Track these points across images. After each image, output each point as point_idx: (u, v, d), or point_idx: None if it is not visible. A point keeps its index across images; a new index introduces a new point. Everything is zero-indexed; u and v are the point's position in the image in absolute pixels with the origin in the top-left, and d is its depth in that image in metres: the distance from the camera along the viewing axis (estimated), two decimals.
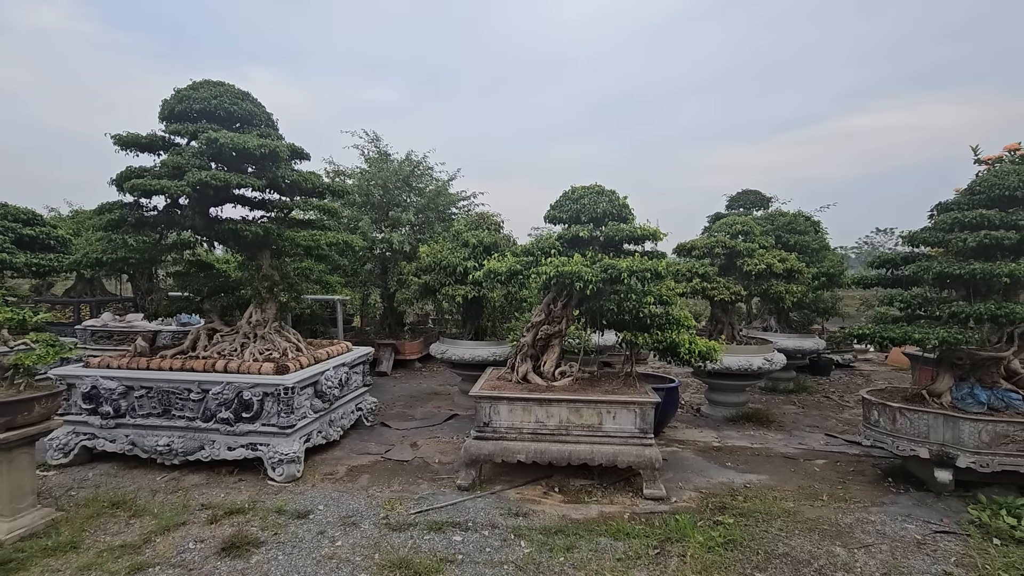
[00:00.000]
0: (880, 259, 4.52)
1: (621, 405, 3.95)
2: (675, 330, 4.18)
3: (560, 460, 3.93)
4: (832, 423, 5.97)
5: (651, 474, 3.91)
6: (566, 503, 3.82)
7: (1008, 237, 3.86)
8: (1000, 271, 3.73)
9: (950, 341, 3.82)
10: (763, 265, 5.76)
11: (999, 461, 3.71)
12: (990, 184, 4.14)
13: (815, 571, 2.95)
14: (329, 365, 4.74)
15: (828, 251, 8.60)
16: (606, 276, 3.80)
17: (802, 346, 7.54)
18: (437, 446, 5.01)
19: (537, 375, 4.39)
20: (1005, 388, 3.98)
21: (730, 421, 5.95)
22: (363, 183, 8.13)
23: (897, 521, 3.54)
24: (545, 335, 4.44)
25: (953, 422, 3.82)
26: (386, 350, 8.33)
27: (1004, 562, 2.99)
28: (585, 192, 4.33)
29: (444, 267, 5.75)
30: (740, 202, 10.06)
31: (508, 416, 4.04)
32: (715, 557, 3.05)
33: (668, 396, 5.25)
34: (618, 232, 4.15)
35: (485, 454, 4.00)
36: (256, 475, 4.17)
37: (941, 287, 4.35)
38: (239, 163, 4.60)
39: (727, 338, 6.10)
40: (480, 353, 5.84)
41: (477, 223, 6.24)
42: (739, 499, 3.87)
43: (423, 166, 8.74)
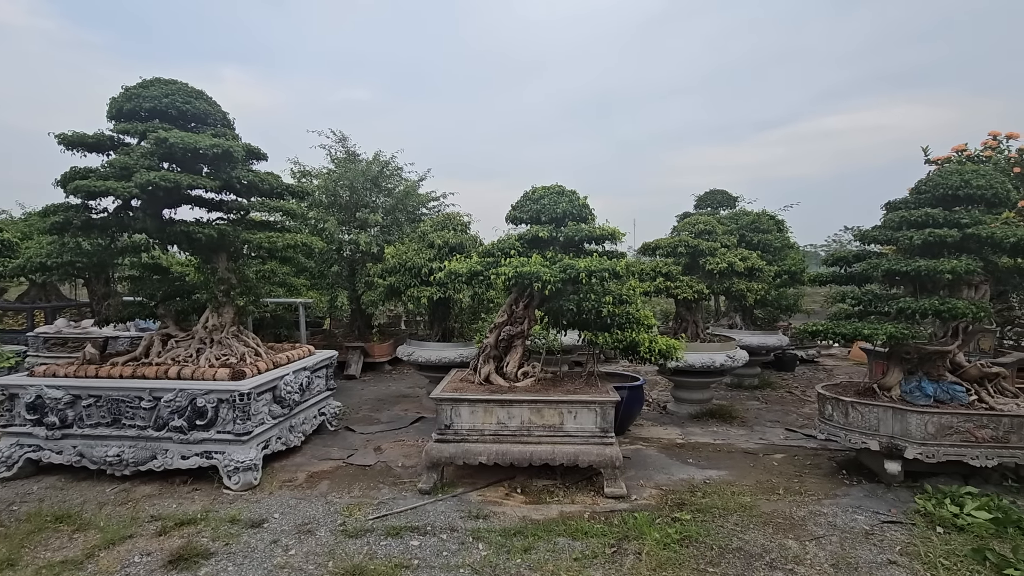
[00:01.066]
0: (833, 257, 4.64)
1: (582, 405, 3.97)
2: (635, 329, 4.21)
3: (521, 461, 3.92)
4: (793, 418, 6.11)
5: (612, 473, 3.94)
6: (528, 504, 3.82)
7: (951, 235, 4.00)
8: (943, 268, 3.86)
9: (897, 336, 3.93)
10: (725, 264, 5.86)
11: (944, 451, 3.85)
12: (935, 184, 4.28)
13: (766, 564, 3.01)
14: (289, 370, 4.65)
15: (791, 249, 8.79)
16: (565, 276, 3.81)
17: (766, 343, 7.69)
18: (401, 449, 4.96)
19: (500, 376, 4.38)
20: (950, 381, 4.12)
21: (695, 418, 6.04)
22: (329, 184, 8.00)
23: (848, 513, 3.64)
24: (508, 336, 4.44)
25: (901, 415, 3.94)
26: (354, 353, 8.22)
27: (945, 550, 3.10)
28: (545, 192, 4.34)
29: (409, 268, 5.69)
30: (708, 202, 10.23)
31: (470, 418, 4.02)
32: (670, 554, 3.08)
33: (633, 394, 5.31)
34: (578, 232, 4.17)
35: (446, 457, 3.97)
36: (212, 484, 4.06)
37: (890, 284, 4.48)
38: (193, 164, 4.48)
39: (691, 336, 6.18)
40: (447, 355, 5.80)
41: (443, 224, 6.20)
42: (698, 495, 3.92)
43: (392, 166, 8.65)
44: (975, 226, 4.02)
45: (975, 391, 4.06)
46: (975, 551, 3.03)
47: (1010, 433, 3.79)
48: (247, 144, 4.67)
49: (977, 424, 3.83)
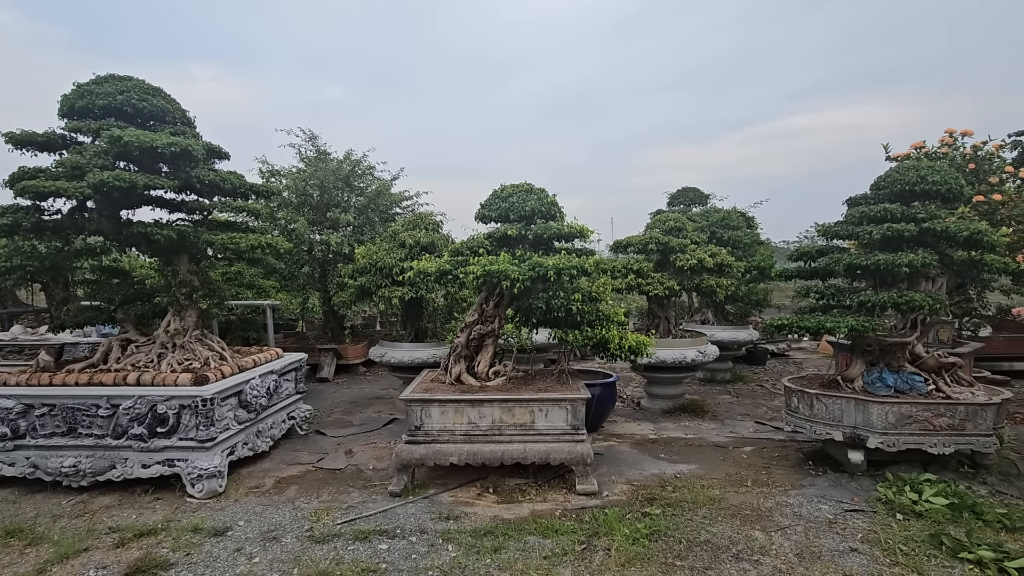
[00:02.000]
0: (798, 252, 4.73)
1: (553, 403, 3.96)
2: (605, 326, 4.23)
3: (493, 460, 3.90)
4: (763, 411, 6.22)
5: (583, 469, 3.95)
6: (499, 503, 3.80)
7: (908, 229, 4.11)
8: (901, 262, 3.97)
9: (858, 329, 4.03)
10: (694, 260, 5.93)
11: (904, 440, 3.95)
12: (893, 180, 4.40)
13: (733, 556, 3.05)
14: (255, 373, 4.55)
15: (760, 245, 8.96)
16: (533, 274, 3.81)
17: (737, 337, 7.82)
18: (373, 452, 4.89)
19: (471, 376, 4.35)
20: (910, 371, 4.24)
21: (667, 413, 6.10)
22: (299, 183, 7.86)
23: (813, 502, 3.71)
24: (479, 335, 4.41)
25: (864, 405, 4.04)
26: (327, 355, 8.09)
27: (904, 536, 3.18)
28: (514, 190, 4.32)
29: (380, 268, 5.62)
30: (680, 199, 10.36)
31: (440, 418, 3.98)
32: (639, 549, 3.10)
33: (606, 391, 5.34)
34: (546, 230, 4.16)
35: (416, 458, 3.93)
36: (174, 493, 3.95)
37: (852, 278, 4.59)
38: (151, 163, 4.34)
39: (663, 332, 6.24)
40: (420, 355, 5.75)
41: (415, 223, 6.14)
42: (668, 489, 3.96)
43: (363, 165, 8.53)
44: (931, 221, 4.14)
45: (933, 381, 4.18)
46: (932, 536, 3.12)
47: (965, 421, 3.91)
48: (208, 143, 4.54)
49: (935, 413, 3.94)
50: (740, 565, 2.96)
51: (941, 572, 2.83)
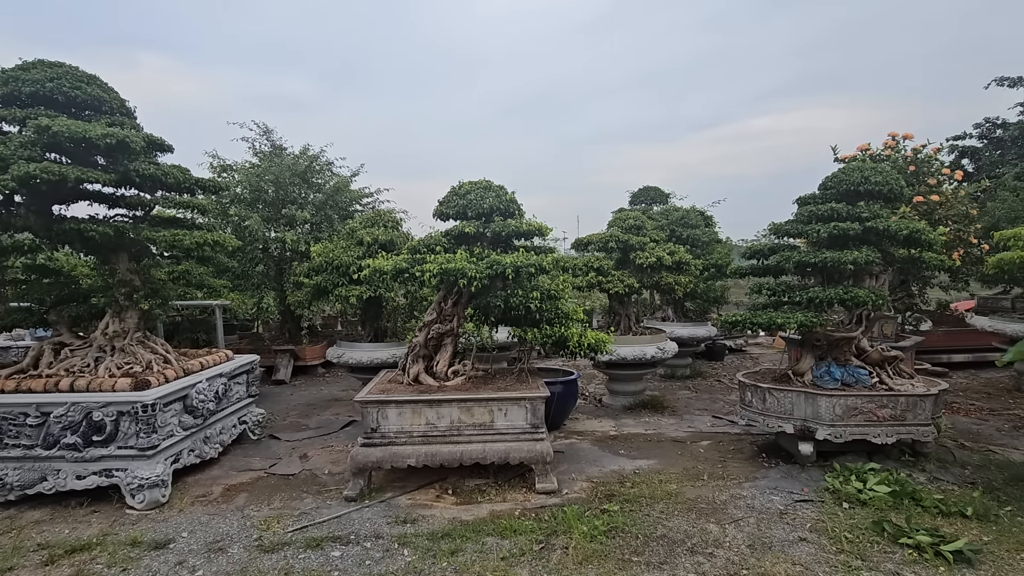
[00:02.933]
0: (751, 250, 4.84)
1: (512, 401, 3.93)
2: (564, 324, 4.23)
3: (452, 461, 3.85)
4: (720, 405, 6.36)
5: (543, 468, 3.93)
6: (458, 505, 3.75)
7: (853, 228, 4.26)
8: (846, 259, 4.11)
9: (807, 324, 4.15)
10: (654, 258, 6.01)
11: (850, 431, 4.09)
12: (839, 180, 4.55)
13: (688, 550, 3.08)
14: (202, 377, 4.35)
15: (718, 244, 9.17)
16: (491, 272, 3.76)
17: (696, 334, 7.99)
18: (329, 456, 4.76)
19: (430, 375, 4.28)
20: (855, 365, 4.39)
21: (628, 409, 6.16)
22: (252, 179, 7.58)
23: (765, 494, 3.80)
24: (437, 334, 4.34)
25: (813, 398, 4.16)
26: (284, 356, 7.84)
27: (849, 524, 3.29)
28: (472, 187, 4.27)
29: (336, 267, 5.47)
30: (641, 198, 10.53)
31: (397, 420, 3.90)
32: (597, 546, 3.10)
33: (568, 389, 5.35)
34: (505, 228, 4.13)
35: (373, 461, 3.83)
36: (113, 505, 3.73)
37: (802, 275, 4.73)
38: (85, 155, 4.09)
39: (624, 329, 6.31)
40: (379, 355, 5.62)
41: (374, 220, 6.00)
42: (627, 485, 3.98)
43: (321, 161, 8.30)
44: (874, 220, 4.30)
45: (877, 374, 4.35)
46: (875, 523, 3.24)
47: (906, 411, 4.08)
48: (149, 134, 4.31)
49: (878, 404, 4.10)
50: (695, 558, 3.00)
51: (883, 558, 2.94)
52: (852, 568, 2.84)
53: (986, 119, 11.52)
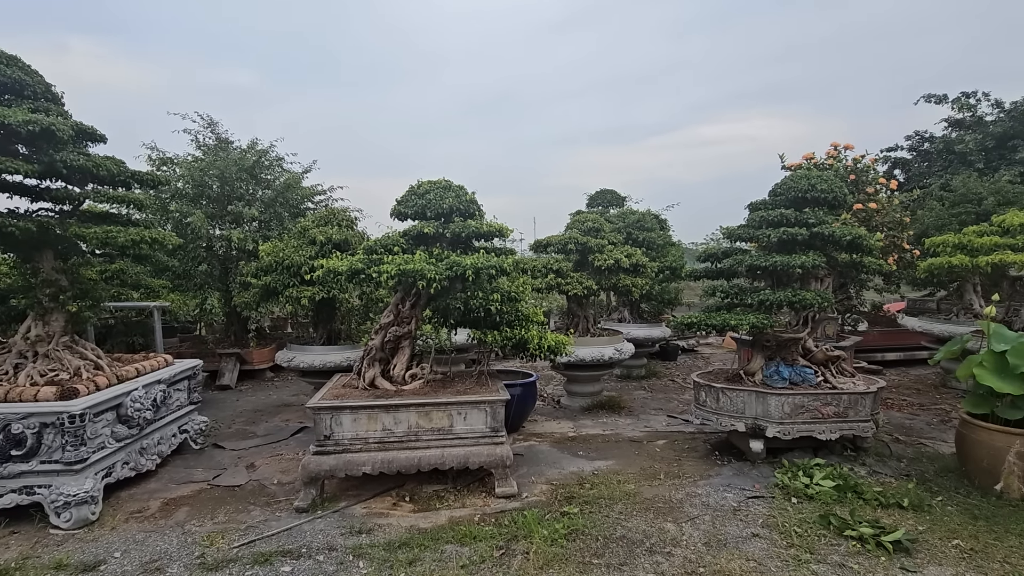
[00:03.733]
0: (705, 253, 4.97)
1: (472, 405, 3.87)
2: (524, 326, 4.20)
3: (409, 468, 3.74)
4: (675, 404, 6.50)
5: (503, 472, 3.89)
6: (416, 512, 3.65)
7: (801, 233, 4.44)
8: (795, 263, 4.27)
9: (758, 326, 4.29)
10: (611, 260, 6.08)
11: (798, 429, 4.25)
12: (788, 187, 4.73)
13: (646, 550, 3.11)
14: (139, 384, 4.06)
15: (672, 246, 9.40)
16: (451, 273, 3.69)
17: (651, 335, 8.15)
18: (279, 465, 4.55)
19: (386, 379, 4.16)
20: (802, 365, 4.57)
21: (586, 410, 6.21)
22: (195, 173, 7.17)
23: (719, 492, 3.89)
24: (394, 336, 4.22)
25: (763, 397, 4.30)
26: (229, 360, 7.47)
27: (798, 518, 3.41)
28: (431, 187, 4.17)
29: (287, 266, 5.24)
30: (598, 201, 10.67)
31: (352, 426, 3.76)
32: (557, 550, 3.08)
33: (527, 391, 5.33)
34: (465, 228, 4.06)
35: (326, 470, 3.68)
36: (35, 524, 3.42)
37: (753, 277, 4.89)
38: (5, 143, 3.75)
39: (582, 331, 6.35)
40: (332, 359, 5.43)
41: (327, 219, 5.79)
42: (587, 487, 3.99)
43: (271, 156, 7.96)
44: (820, 225, 4.49)
45: (821, 373, 4.55)
46: (822, 517, 3.36)
47: (849, 409, 4.28)
48: (79, 123, 3.99)
49: (823, 402, 4.28)
50: (653, 558, 3.02)
51: (829, 550, 3.05)
52: (802, 561, 2.94)
53: (916, 132, 12.35)
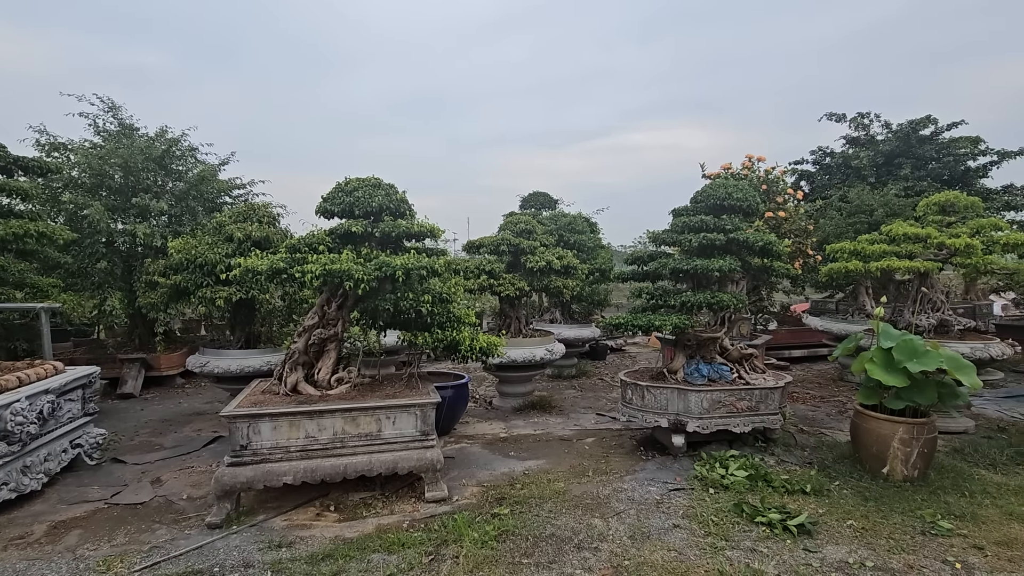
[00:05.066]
0: (632, 256, 5.15)
1: (401, 409, 3.78)
2: (456, 328, 4.15)
3: (334, 476, 3.59)
4: (603, 403, 6.69)
5: (433, 476, 3.82)
6: (341, 521, 3.51)
7: (719, 239, 4.70)
8: (713, 267, 4.52)
9: (680, 326, 4.50)
10: (543, 262, 6.16)
11: (715, 423, 4.50)
12: (707, 195, 5.00)
13: (575, 546, 3.16)
14: (21, 395, 3.62)
15: (602, 249, 9.68)
16: (380, 274, 3.58)
17: (582, 335, 8.35)
18: (189, 478, 4.22)
19: (310, 384, 3.98)
20: (719, 362, 4.85)
21: (518, 411, 6.25)
22: (94, 161, 6.52)
23: (644, 486, 4.04)
24: (319, 339, 4.04)
25: (684, 394, 4.52)
26: (133, 366, 6.85)
27: (715, 508, 3.60)
28: (360, 184, 4.04)
29: (200, 265, 4.87)
30: (531, 203, 10.78)
31: (272, 435, 3.55)
32: (488, 552, 3.06)
33: (458, 393, 5.28)
34: (395, 228, 3.96)
35: (243, 482, 3.45)
36: None
37: (676, 280, 5.12)
38: None
39: (514, 332, 6.39)
40: (251, 363, 5.12)
41: (246, 214, 5.45)
42: (517, 487, 4.01)
43: (183, 146, 7.39)
44: (735, 231, 4.79)
45: (736, 370, 4.84)
46: (736, 506, 3.58)
47: (760, 403, 4.59)
48: None
49: (738, 397, 4.56)
50: (581, 554, 3.08)
51: (743, 536, 3.25)
52: (717, 548, 3.10)
53: (819, 147, 13.47)
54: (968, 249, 5.15)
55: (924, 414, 4.01)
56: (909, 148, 11.82)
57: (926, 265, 5.28)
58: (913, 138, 11.90)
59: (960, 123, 11.92)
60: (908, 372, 3.85)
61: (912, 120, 12.10)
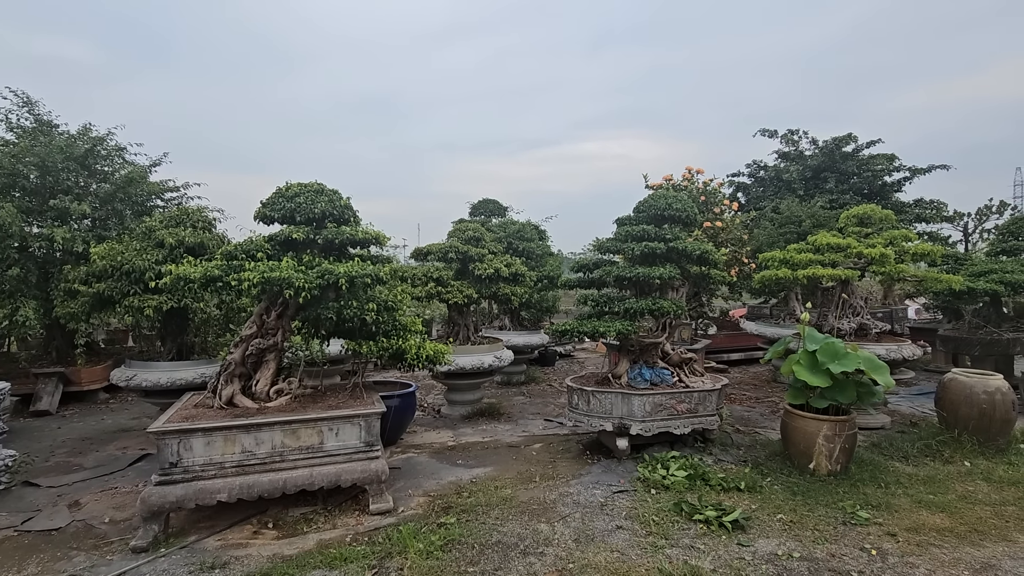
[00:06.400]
0: (578, 264, 5.27)
1: (344, 419, 3.69)
2: (402, 336, 4.11)
3: (273, 492, 3.46)
4: (551, 408, 6.76)
5: (378, 488, 3.75)
6: (281, 539, 3.38)
7: (659, 247, 4.88)
8: (655, 274, 4.69)
9: (624, 332, 4.64)
10: (492, 269, 6.20)
11: (657, 425, 4.65)
12: (649, 205, 5.19)
13: (520, 552, 3.18)
14: None
15: (551, 256, 9.83)
16: (323, 282, 3.49)
17: (531, 341, 8.41)
18: (112, 500, 3.95)
19: (248, 396, 3.82)
20: (661, 367, 5.02)
21: (467, 418, 6.23)
22: (5, 159, 6.02)
23: (589, 489, 4.11)
24: (258, 349, 3.89)
25: (628, 398, 4.64)
26: (49, 381, 6.34)
27: (656, 508, 3.72)
28: (302, 189, 3.93)
29: (127, 272, 4.59)
30: (480, 210, 10.83)
31: (205, 450, 3.38)
32: (433, 563, 3.03)
33: (405, 402, 5.21)
34: (339, 235, 3.88)
35: (172, 501, 3.27)
36: None
37: (620, 287, 5.28)
38: None
39: (463, 339, 6.37)
40: (183, 376, 4.85)
41: (179, 219, 5.18)
42: (464, 495, 3.99)
43: (109, 145, 6.94)
44: (675, 241, 4.99)
45: (677, 373, 5.03)
46: (675, 505, 3.71)
47: (699, 405, 4.78)
48: None
49: (678, 400, 4.73)
50: (527, 560, 3.10)
51: (682, 534, 3.37)
52: (658, 547, 3.20)
53: (754, 161, 14.27)
54: (882, 258, 5.58)
55: (845, 412, 4.30)
56: (834, 163, 12.71)
57: (847, 273, 5.68)
58: (837, 154, 12.80)
59: (877, 141, 12.95)
60: (831, 373, 4.13)
61: (836, 137, 13.02)
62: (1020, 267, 6.88)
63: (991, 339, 7.08)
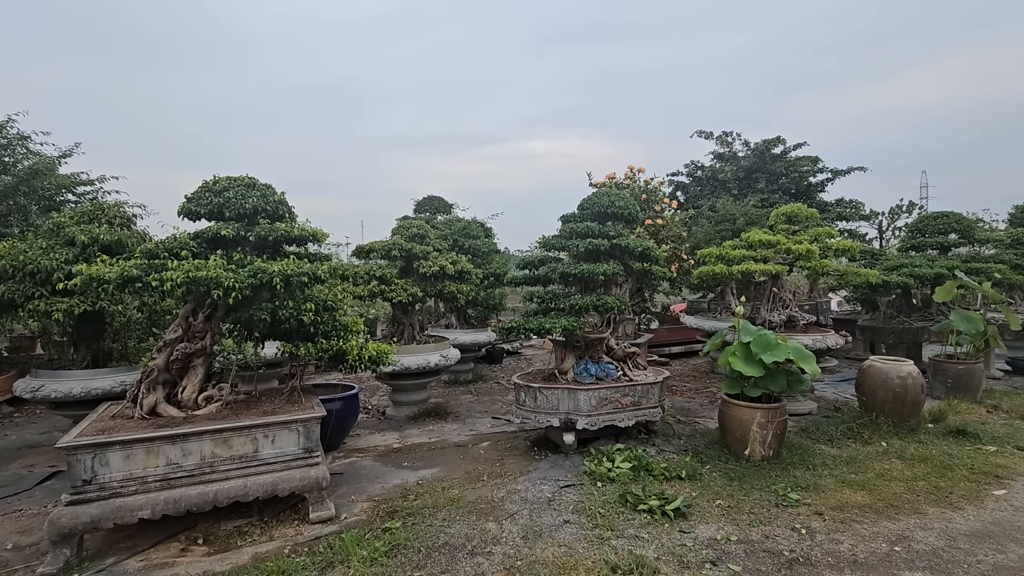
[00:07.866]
0: (524, 261, 5.27)
1: (281, 426, 3.51)
2: (343, 337, 3.96)
3: (203, 505, 3.24)
4: (499, 406, 6.75)
5: (318, 495, 3.60)
6: (212, 555, 3.17)
7: (603, 244, 4.96)
8: (599, 271, 4.76)
9: (570, 328, 4.68)
10: (437, 267, 6.10)
11: (603, 419, 4.72)
12: (593, 203, 5.26)
13: (468, 552, 3.14)
14: None
15: (497, 254, 9.81)
16: (255, 282, 3.30)
17: (478, 339, 8.37)
18: (16, 524, 3.59)
19: (173, 405, 3.56)
20: (606, 361, 5.11)
21: (413, 419, 6.10)
22: None
23: (536, 485, 4.12)
24: (184, 354, 3.64)
25: (574, 393, 4.69)
26: None
27: (602, 500, 3.77)
28: (231, 184, 3.70)
29: (31, 272, 4.17)
30: (426, 207, 10.67)
31: (124, 464, 3.13)
32: (377, 569, 2.94)
33: (347, 405, 5.04)
34: (273, 232, 3.68)
35: (86, 522, 3.00)
36: None
37: (566, 284, 5.32)
38: None
39: (408, 339, 6.24)
40: (99, 385, 4.47)
41: (93, 214, 4.76)
42: (410, 498, 3.90)
43: (9, 133, 6.31)
44: (618, 238, 5.08)
45: (621, 368, 5.13)
46: (621, 496, 3.77)
47: (642, 398, 4.90)
48: None
49: (623, 394, 4.83)
50: (475, 560, 3.06)
51: (627, 525, 3.43)
52: (604, 539, 3.25)
53: (692, 161, 14.83)
54: (808, 254, 5.93)
55: (776, 400, 4.52)
56: (764, 164, 13.41)
57: (776, 268, 5.99)
58: (767, 155, 13.51)
59: (803, 144, 13.77)
60: (763, 363, 4.33)
61: (766, 139, 13.75)
62: (927, 262, 7.51)
63: (903, 328, 7.70)
